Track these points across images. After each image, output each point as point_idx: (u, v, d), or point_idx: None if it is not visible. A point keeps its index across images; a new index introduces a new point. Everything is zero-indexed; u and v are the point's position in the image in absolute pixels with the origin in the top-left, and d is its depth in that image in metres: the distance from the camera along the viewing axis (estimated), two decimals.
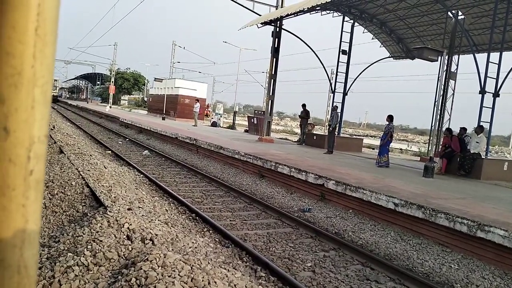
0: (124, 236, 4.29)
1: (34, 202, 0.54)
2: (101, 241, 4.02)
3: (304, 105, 19.51)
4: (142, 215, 5.44)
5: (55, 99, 61.68)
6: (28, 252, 0.54)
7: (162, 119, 31.28)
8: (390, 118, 12.99)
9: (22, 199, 0.52)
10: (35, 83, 0.52)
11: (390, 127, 13.05)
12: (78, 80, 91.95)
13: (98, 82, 78.12)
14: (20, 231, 0.53)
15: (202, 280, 3.33)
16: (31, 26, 0.50)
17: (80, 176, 7.39)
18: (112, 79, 48.39)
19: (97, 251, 3.79)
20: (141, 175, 9.96)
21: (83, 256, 3.66)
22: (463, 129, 13.44)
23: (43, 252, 4.09)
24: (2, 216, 0.51)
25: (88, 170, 8.15)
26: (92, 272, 3.50)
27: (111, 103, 46.73)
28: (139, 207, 6.01)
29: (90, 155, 10.34)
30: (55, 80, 58.74)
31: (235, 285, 3.60)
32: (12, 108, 0.50)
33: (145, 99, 59.23)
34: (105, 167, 8.96)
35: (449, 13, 14.71)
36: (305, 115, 19.63)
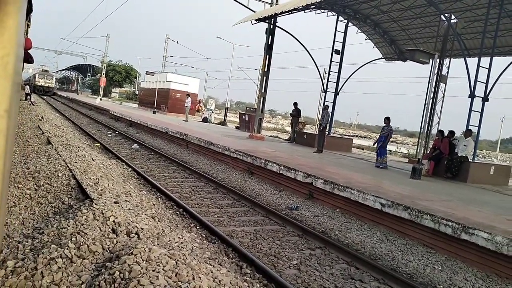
0: (109, 229, 4.25)
1: None
2: (85, 233, 3.99)
3: (295, 104, 19.53)
4: (129, 209, 5.39)
5: (50, 91, 49.66)
6: None
7: (153, 113, 31.09)
8: (388, 120, 13.18)
9: None
10: None
11: (390, 128, 13.27)
12: (69, 71, 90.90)
13: (89, 74, 77.33)
14: None
15: (187, 275, 3.31)
16: None
17: (67, 168, 7.31)
18: (103, 71, 47.92)
19: (81, 244, 3.75)
20: (130, 169, 9.89)
21: (67, 249, 3.63)
22: (451, 133, 13.58)
23: (26, 243, 4.04)
24: None
25: (76, 162, 8.06)
26: (75, 264, 3.46)
27: (101, 95, 46.29)
28: (126, 200, 5.96)
29: (78, 147, 10.23)
30: (45, 70, 55.70)
31: (219, 281, 3.60)
32: None
33: (136, 92, 58.79)
34: (93, 160, 8.87)
35: (442, 16, 14.80)
36: (296, 113, 19.66)
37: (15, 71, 0.49)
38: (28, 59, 9.92)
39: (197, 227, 6.10)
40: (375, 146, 13.60)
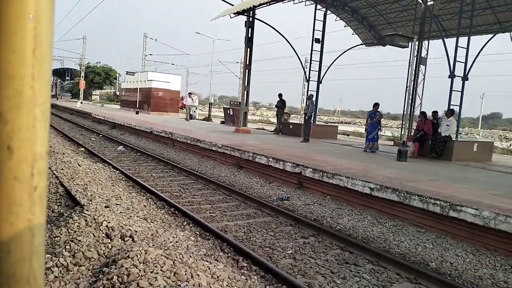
0: (103, 235, 4.24)
1: (39, 216, 0.57)
2: (79, 240, 3.97)
3: (280, 95, 19.57)
4: (120, 212, 5.38)
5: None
6: (36, 264, 0.56)
7: (136, 114, 30.75)
8: (378, 105, 13.44)
9: (28, 214, 0.55)
10: (35, 103, 0.54)
11: (381, 113, 13.58)
12: None
13: (68, 78, 75.87)
14: (28, 244, 0.55)
15: (185, 274, 3.34)
16: (29, 48, 0.53)
17: (54, 175, 7.22)
18: (82, 74, 47.10)
19: (76, 251, 3.74)
20: (117, 172, 9.81)
21: (62, 257, 3.61)
22: (435, 113, 13.82)
23: None
24: (10, 231, 0.54)
25: (62, 169, 7.97)
26: (72, 272, 3.45)
27: (82, 99, 45.55)
28: (117, 204, 5.93)
29: (63, 153, 10.10)
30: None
31: (218, 277, 3.63)
32: (15, 128, 0.53)
33: (117, 93, 58.02)
34: (79, 165, 8.77)
35: None
36: (281, 104, 19.71)
37: (49, 114, 0.56)
38: None
39: (190, 225, 6.11)
40: (370, 133, 13.65)
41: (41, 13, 0.53)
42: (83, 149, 13.34)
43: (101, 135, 18.23)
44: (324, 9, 19.60)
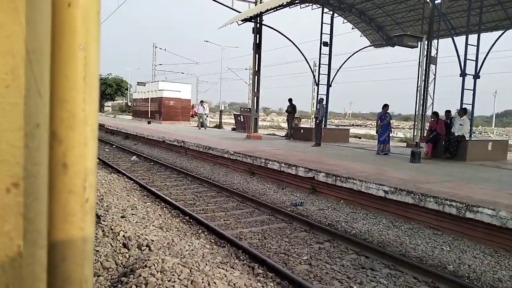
0: (120, 244, 4.30)
1: (90, 225, 0.62)
2: (97, 251, 4.04)
3: (290, 100, 19.60)
4: (136, 222, 5.45)
5: None
6: (87, 269, 0.62)
7: (148, 123, 31.08)
8: (387, 106, 13.35)
9: (81, 223, 0.61)
10: (86, 123, 0.60)
11: (390, 115, 13.52)
12: None
13: None
14: (80, 251, 0.61)
15: (202, 282, 3.37)
16: (80, 75, 0.59)
17: None
18: None
19: (94, 262, 3.80)
20: (131, 182, 9.92)
21: None
22: (448, 112, 13.68)
23: None
24: (65, 239, 0.59)
25: None
26: None
27: None
28: (133, 214, 6.01)
29: None
30: None
31: (234, 284, 3.66)
32: (69, 146, 0.59)
33: (129, 104, 58.72)
34: None
35: None
36: (291, 109, 19.73)
37: (97, 132, 0.65)
38: None
39: (205, 233, 6.15)
40: (381, 136, 13.52)
41: (90, 44, 0.60)
42: (97, 160, 13.51)
43: (114, 146, 18.47)
44: (331, 12, 19.63)
